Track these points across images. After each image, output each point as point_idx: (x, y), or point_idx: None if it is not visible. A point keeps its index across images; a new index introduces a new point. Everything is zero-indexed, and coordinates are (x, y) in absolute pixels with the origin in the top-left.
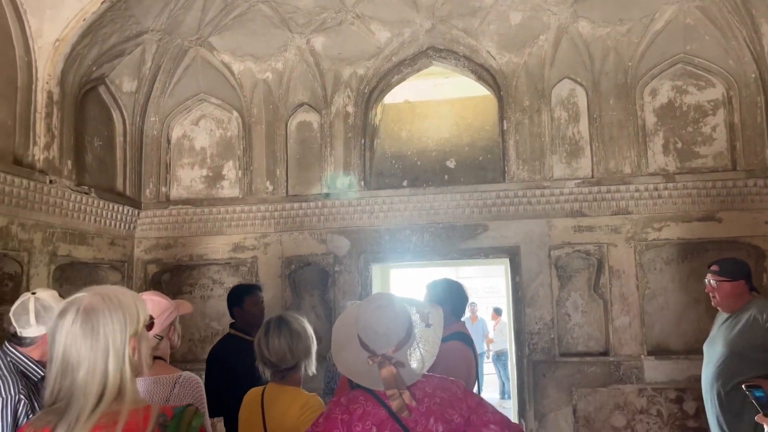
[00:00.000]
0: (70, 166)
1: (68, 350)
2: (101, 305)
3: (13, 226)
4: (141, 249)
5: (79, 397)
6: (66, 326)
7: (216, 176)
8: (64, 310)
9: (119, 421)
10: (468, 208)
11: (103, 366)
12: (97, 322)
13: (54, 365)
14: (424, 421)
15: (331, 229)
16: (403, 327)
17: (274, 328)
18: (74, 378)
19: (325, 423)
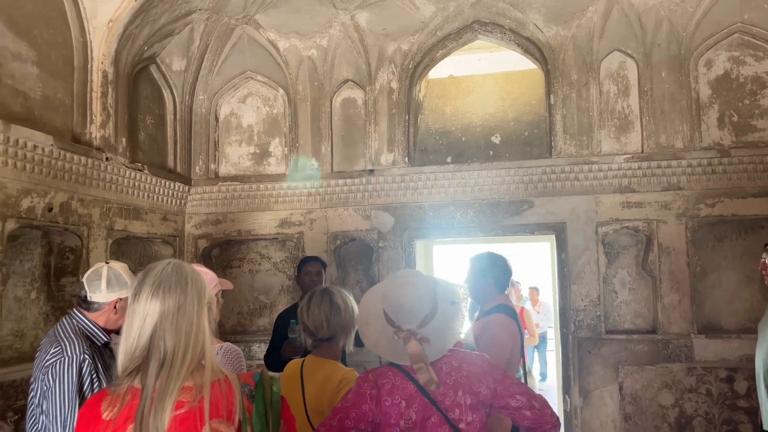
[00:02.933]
0: (125, 144)
1: (151, 311)
2: (185, 269)
3: (73, 202)
4: (191, 224)
5: (162, 358)
6: (150, 288)
7: (263, 153)
8: (148, 272)
9: (204, 395)
10: (513, 184)
11: (188, 327)
12: (181, 284)
13: (134, 327)
14: (452, 394)
15: (376, 206)
16: (428, 303)
17: (317, 297)
18: (156, 340)
19: (354, 398)
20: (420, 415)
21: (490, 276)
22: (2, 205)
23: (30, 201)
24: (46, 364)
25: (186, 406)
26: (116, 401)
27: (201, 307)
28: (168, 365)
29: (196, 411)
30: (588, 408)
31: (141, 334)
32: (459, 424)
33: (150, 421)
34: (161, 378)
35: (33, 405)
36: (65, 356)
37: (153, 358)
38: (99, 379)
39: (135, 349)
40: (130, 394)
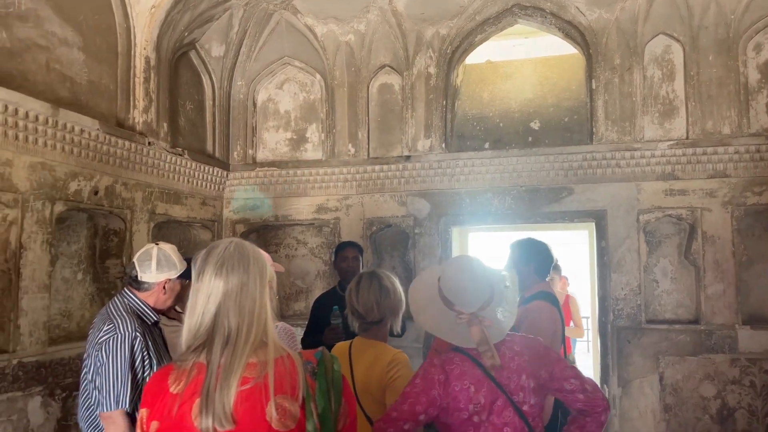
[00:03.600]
0: (166, 129)
1: (215, 290)
2: (247, 247)
3: (117, 185)
4: (230, 210)
5: (226, 335)
6: (213, 267)
7: (300, 139)
8: (210, 251)
9: (268, 371)
10: (553, 171)
11: (250, 306)
12: (243, 263)
13: (198, 305)
14: (516, 378)
15: (412, 192)
16: (488, 287)
17: (366, 280)
18: (221, 318)
19: (422, 383)
20: (488, 398)
21: (531, 263)
22: (51, 188)
23: (77, 184)
24: (99, 341)
25: (251, 382)
26: (182, 376)
27: (263, 286)
28: (232, 343)
29: (261, 387)
30: (627, 398)
31: (205, 312)
32: (522, 407)
33: (216, 396)
34: (226, 355)
35: (86, 380)
36: (118, 333)
37: (217, 336)
38: (149, 356)
39: (199, 326)
40: (196, 370)
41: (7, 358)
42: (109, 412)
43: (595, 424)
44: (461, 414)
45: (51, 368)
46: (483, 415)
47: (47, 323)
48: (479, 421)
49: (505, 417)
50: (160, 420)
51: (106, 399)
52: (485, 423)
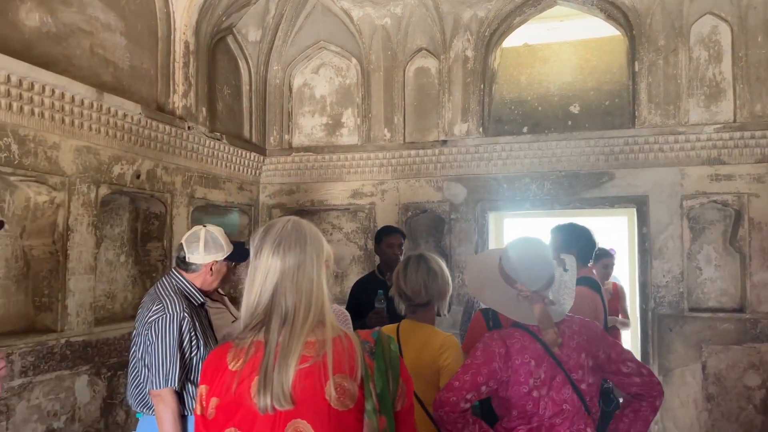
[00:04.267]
0: (205, 114)
1: (272, 269)
2: (304, 226)
3: (158, 169)
4: (266, 194)
5: (283, 314)
6: (270, 246)
7: (335, 124)
8: (268, 230)
9: (327, 350)
10: (593, 156)
11: (308, 285)
12: (300, 242)
13: (256, 284)
14: (576, 356)
15: (448, 177)
16: (550, 267)
17: (414, 263)
18: (278, 297)
19: (483, 355)
20: (548, 374)
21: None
22: (96, 171)
23: (120, 168)
24: (148, 321)
25: (310, 361)
26: (241, 353)
27: (320, 266)
28: (290, 322)
29: (320, 366)
30: (668, 387)
31: (262, 291)
32: (580, 385)
33: (275, 375)
34: (284, 334)
35: (135, 358)
36: (167, 313)
37: (275, 315)
38: (197, 337)
39: (257, 305)
40: (254, 348)
41: (55, 338)
42: (158, 390)
43: (650, 408)
44: (521, 388)
45: (97, 348)
46: (542, 390)
47: (93, 304)
48: (538, 396)
49: (563, 394)
50: (220, 396)
51: (155, 377)
52: (544, 398)
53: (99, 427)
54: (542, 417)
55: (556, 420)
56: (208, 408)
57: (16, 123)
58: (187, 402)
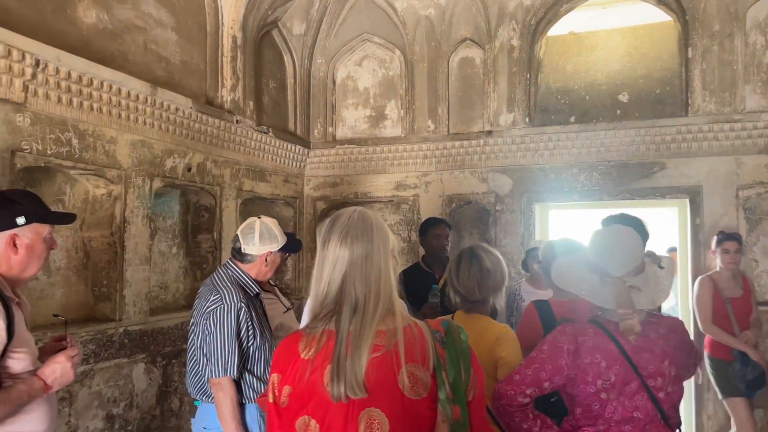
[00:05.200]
0: (252, 107)
1: (340, 258)
2: (370, 217)
3: (208, 163)
4: (310, 186)
5: (354, 304)
6: (338, 236)
7: (379, 116)
8: (335, 220)
9: (398, 339)
10: (644, 145)
11: (376, 275)
12: (367, 232)
13: (325, 274)
14: (658, 362)
15: (493, 168)
16: (638, 256)
17: (466, 261)
18: (347, 286)
19: (550, 350)
20: (619, 378)
21: None
22: (150, 165)
23: (172, 161)
24: (206, 311)
25: (382, 349)
26: (312, 342)
27: (387, 255)
28: (360, 311)
29: (392, 354)
30: None
31: (331, 281)
32: (658, 393)
33: (347, 364)
34: (355, 323)
35: (193, 347)
36: (224, 303)
37: (345, 305)
38: (253, 327)
39: (326, 295)
40: (326, 336)
41: (114, 326)
42: (217, 379)
43: None
44: (588, 387)
45: (152, 337)
46: (612, 394)
47: (148, 294)
48: (606, 398)
49: (636, 401)
50: (293, 385)
51: (214, 366)
52: (613, 402)
53: (155, 413)
54: (608, 420)
55: (625, 427)
56: (280, 396)
57: (76, 118)
58: (244, 390)
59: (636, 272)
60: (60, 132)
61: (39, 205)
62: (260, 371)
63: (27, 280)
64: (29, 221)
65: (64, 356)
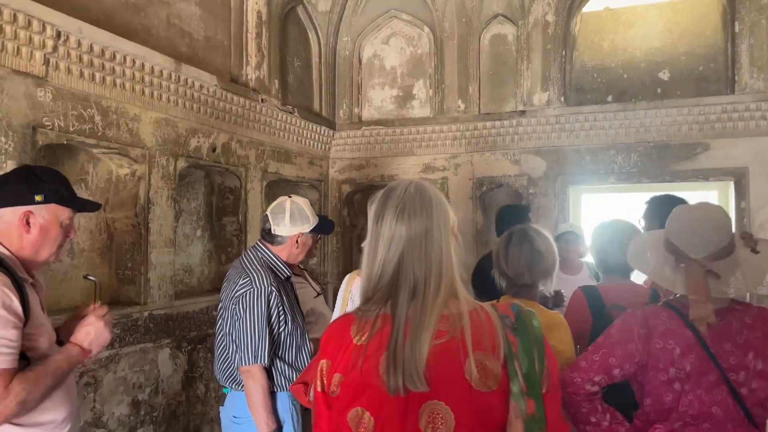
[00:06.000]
0: (277, 86)
1: (397, 236)
2: (429, 190)
3: (233, 143)
4: (335, 169)
5: (412, 286)
6: (393, 210)
7: (406, 96)
8: (389, 194)
9: (464, 325)
10: (686, 125)
11: (437, 255)
12: (426, 207)
13: (379, 253)
14: (740, 354)
15: (526, 149)
16: (724, 238)
17: (516, 242)
18: (405, 266)
19: (619, 335)
20: (695, 368)
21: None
22: (174, 144)
23: (197, 140)
24: (236, 295)
25: (446, 336)
26: (366, 327)
27: (447, 233)
28: (420, 295)
29: (458, 341)
30: None
31: (386, 260)
32: (740, 389)
33: (406, 352)
34: (414, 307)
35: (222, 333)
36: (254, 287)
37: (402, 287)
38: (284, 312)
39: (380, 276)
40: (381, 321)
41: (139, 310)
42: (247, 366)
43: None
44: (659, 375)
45: (177, 321)
46: (686, 385)
47: (173, 278)
48: (680, 389)
49: (715, 395)
50: (344, 373)
51: (244, 353)
52: (688, 395)
53: (180, 399)
54: (683, 415)
55: (703, 425)
56: (330, 385)
57: (99, 94)
58: (275, 378)
59: (722, 255)
60: (83, 108)
61: (64, 187)
62: (291, 358)
63: (41, 264)
64: (48, 201)
65: (94, 317)
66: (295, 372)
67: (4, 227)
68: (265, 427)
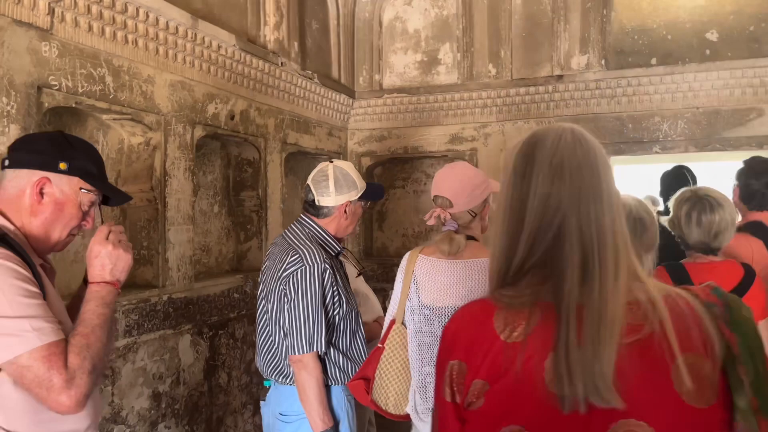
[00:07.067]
0: (297, 49)
1: (553, 198)
2: (588, 138)
3: (251, 110)
4: (354, 141)
5: (580, 264)
6: (547, 164)
7: (431, 61)
8: (537, 143)
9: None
10: (738, 89)
11: (610, 223)
12: (590, 161)
13: (527, 220)
14: None
15: (563, 117)
16: None
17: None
18: (568, 237)
19: None
20: None
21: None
22: (191, 110)
23: (214, 107)
24: (284, 275)
25: (640, 331)
26: (517, 318)
27: (617, 195)
28: (594, 276)
29: (658, 340)
30: None
31: (539, 230)
32: None
33: (585, 353)
34: (587, 292)
35: (265, 319)
36: (306, 265)
37: (567, 266)
38: (339, 293)
39: (528, 251)
40: (540, 311)
41: (157, 294)
42: (300, 356)
43: None
44: None
45: (198, 305)
46: None
47: (192, 258)
48: None
49: None
50: (490, 380)
51: (297, 341)
52: None
53: (203, 390)
54: None
55: None
56: (466, 394)
57: (109, 51)
58: (328, 369)
59: None
60: (92, 67)
61: (96, 166)
62: (345, 345)
63: (48, 248)
64: (72, 172)
65: (97, 244)
66: (349, 362)
67: (14, 193)
68: (321, 424)
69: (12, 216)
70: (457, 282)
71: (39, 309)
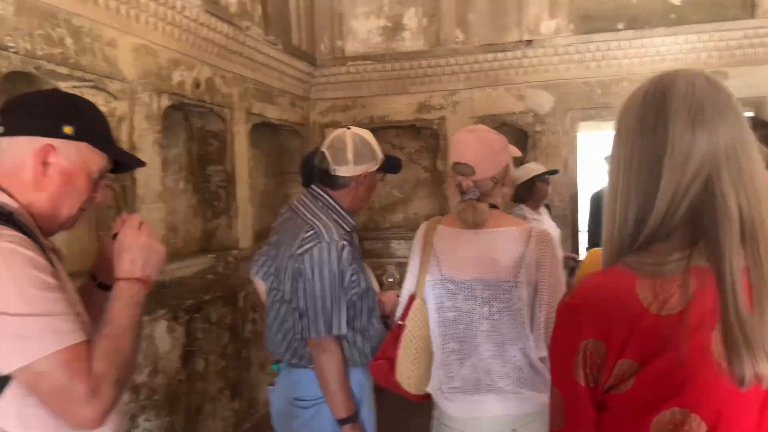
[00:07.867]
0: (260, 12)
1: (696, 151)
2: (722, 86)
3: (216, 78)
4: (317, 111)
5: (736, 223)
6: (686, 113)
7: (396, 26)
8: (666, 90)
9: None
10: (704, 52)
11: (760, 171)
12: (730, 108)
13: (666, 173)
14: None
15: (532, 83)
16: None
17: None
18: (716, 195)
19: None
20: None
21: None
22: (156, 77)
23: (180, 74)
24: (298, 252)
25: None
26: (668, 288)
27: (757, 144)
28: (756, 236)
29: None
30: None
31: (680, 187)
32: None
33: (757, 321)
34: (750, 256)
35: (278, 299)
36: (323, 241)
37: (722, 227)
38: (357, 270)
39: (669, 207)
40: (695, 279)
41: None
42: (319, 339)
43: None
44: None
45: (171, 289)
46: None
47: (164, 237)
48: None
49: None
50: (642, 360)
51: (315, 322)
52: None
53: (181, 378)
54: None
55: None
56: (609, 377)
57: (69, 9)
58: (347, 350)
59: None
60: (50, 27)
61: (105, 128)
62: (362, 325)
63: (59, 225)
64: (79, 137)
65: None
66: (366, 342)
67: (13, 164)
68: (344, 411)
69: (15, 192)
70: (482, 253)
71: (58, 304)
